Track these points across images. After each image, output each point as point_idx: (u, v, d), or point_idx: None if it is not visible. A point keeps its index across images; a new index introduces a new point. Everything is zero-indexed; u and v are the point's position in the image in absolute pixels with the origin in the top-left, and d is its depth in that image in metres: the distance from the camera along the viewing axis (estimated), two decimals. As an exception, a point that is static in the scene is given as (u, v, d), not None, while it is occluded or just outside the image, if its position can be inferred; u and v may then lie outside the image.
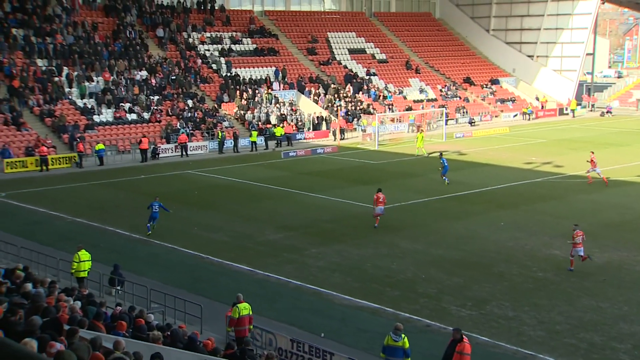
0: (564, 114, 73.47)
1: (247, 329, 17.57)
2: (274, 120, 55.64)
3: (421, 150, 48.36)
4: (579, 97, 78.12)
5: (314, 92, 61.86)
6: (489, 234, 28.89)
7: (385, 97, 65.44)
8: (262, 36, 67.12)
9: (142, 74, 55.66)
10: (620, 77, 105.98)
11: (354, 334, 19.41)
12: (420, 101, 66.75)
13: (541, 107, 73.26)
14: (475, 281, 23.28)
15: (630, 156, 47.56)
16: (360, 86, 65.45)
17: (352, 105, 61.59)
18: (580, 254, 24.20)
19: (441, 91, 70.53)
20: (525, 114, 70.14)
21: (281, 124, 54.60)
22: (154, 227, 28.80)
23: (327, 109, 59.63)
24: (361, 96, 63.97)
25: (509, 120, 68.76)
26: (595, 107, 78.59)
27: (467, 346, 15.36)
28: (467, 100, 70.67)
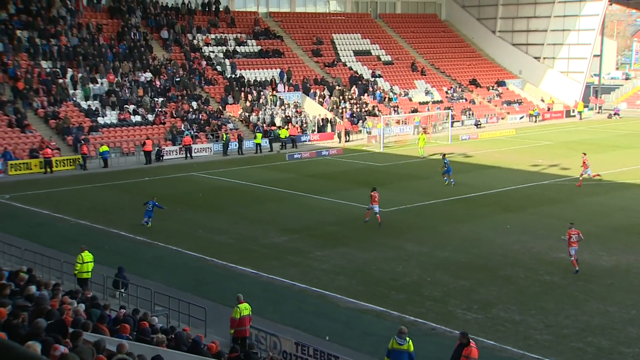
0: (571, 116, 73.19)
1: (247, 329, 17.75)
2: (278, 122, 55.55)
3: (421, 150, 48.40)
4: (586, 99, 77.87)
5: (319, 94, 61.74)
6: (495, 237, 28.72)
7: (390, 99, 65.29)
8: (266, 38, 67.04)
9: (147, 75, 55.63)
10: (628, 79, 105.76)
11: (358, 337, 19.29)
12: (425, 103, 66.59)
13: (548, 109, 73.00)
14: (481, 284, 23.12)
15: (638, 159, 47.29)
16: (365, 88, 65.30)
17: (358, 107, 61.45)
18: (572, 254, 24.22)
19: (447, 93, 70.32)
20: (531, 116, 69.92)
21: (286, 126, 54.50)
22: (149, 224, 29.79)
23: (332, 111, 59.50)
24: (366, 98, 63.81)
25: (515, 122, 68.54)
26: (602, 109, 78.29)
27: (474, 350, 15.22)
28: (473, 102, 70.43)
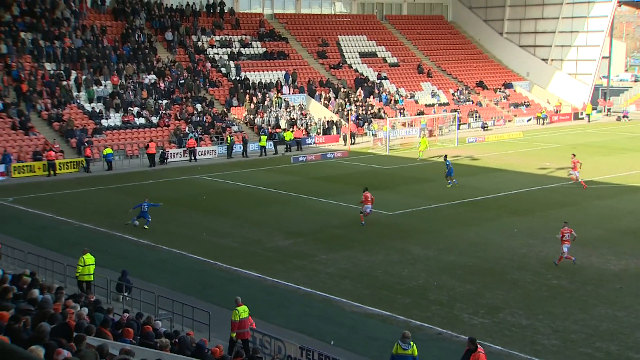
0: (579, 118, 72.66)
1: (248, 331, 17.75)
2: (283, 124, 55.37)
3: (420, 153, 48.19)
4: (595, 102, 77.26)
5: (325, 96, 61.52)
6: (502, 241, 28.47)
7: (396, 101, 65.06)
8: (272, 39, 66.91)
9: (151, 77, 55.54)
10: (637, 81, 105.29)
11: (364, 342, 19.12)
12: (432, 105, 66.31)
13: (555, 111, 72.61)
14: (488, 288, 22.89)
15: (646, 162, 46.93)
16: (371, 90, 65.10)
17: (363, 109, 61.21)
18: (564, 251, 24.33)
19: (453, 95, 70.04)
20: (539, 118, 69.48)
21: (291, 129, 54.30)
22: (146, 226, 29.83)
23: (338, 113, 59.29)
24: (372, 100, 63.58)
25: (522, 124, 68.15)
26: (611, 111, 77.70)
27: (483, 356, 15.01)
28: (479, 104, 70.12)
